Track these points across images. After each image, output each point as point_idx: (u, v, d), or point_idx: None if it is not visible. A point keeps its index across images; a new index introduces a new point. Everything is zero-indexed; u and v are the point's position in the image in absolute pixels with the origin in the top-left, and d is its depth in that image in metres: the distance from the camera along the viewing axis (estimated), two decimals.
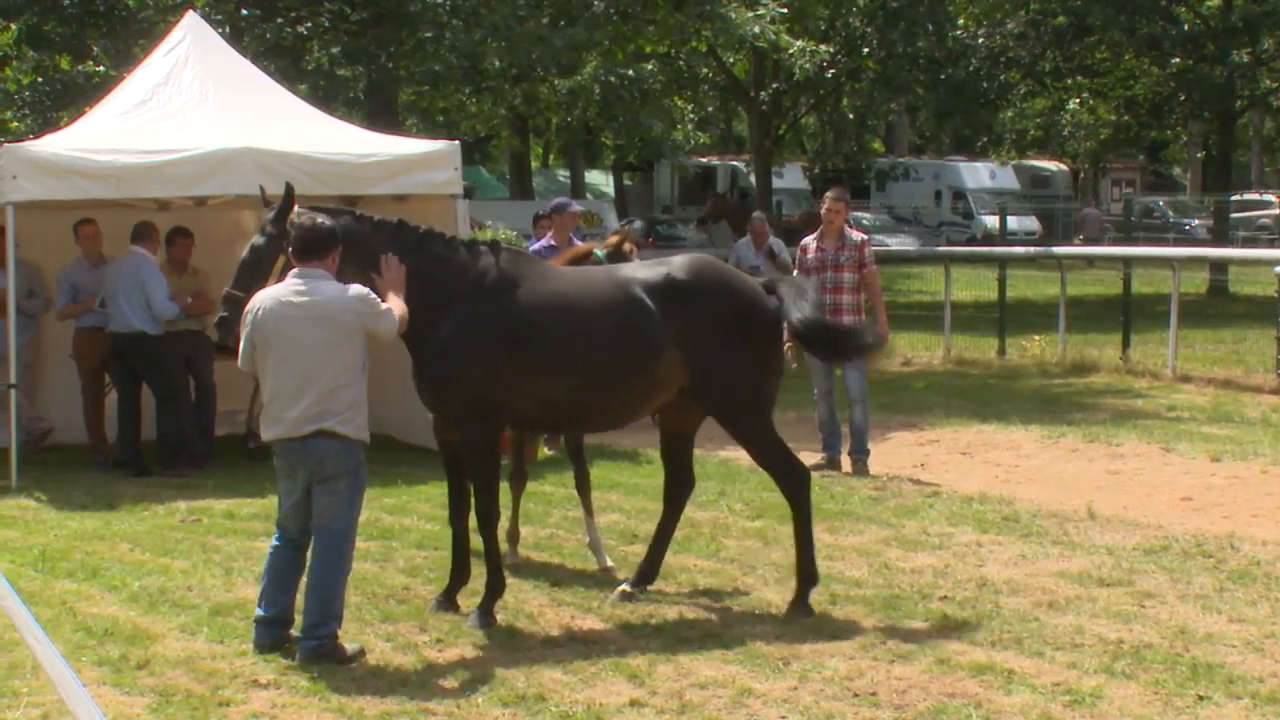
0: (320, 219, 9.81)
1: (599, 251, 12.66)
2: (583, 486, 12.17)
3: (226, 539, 13.24)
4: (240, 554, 12.57)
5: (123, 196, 16.43)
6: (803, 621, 10.22)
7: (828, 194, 16.93)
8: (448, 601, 10.69)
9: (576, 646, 9.91)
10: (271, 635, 9.58)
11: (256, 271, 10.03)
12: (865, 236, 17.50)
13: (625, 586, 10.88)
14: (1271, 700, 8.47)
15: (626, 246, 13.00)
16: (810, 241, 16.45)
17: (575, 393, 10.58)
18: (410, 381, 17.66)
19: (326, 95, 23.82)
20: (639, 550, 11.93)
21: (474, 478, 10.80)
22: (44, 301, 17.24)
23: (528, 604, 10.95)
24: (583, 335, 10.42)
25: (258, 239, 10.21)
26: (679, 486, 11.24)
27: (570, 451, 12.20)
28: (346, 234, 10.08)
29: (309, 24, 27.52)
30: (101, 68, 25.57)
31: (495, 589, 10.50)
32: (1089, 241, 51.17)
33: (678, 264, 10.82)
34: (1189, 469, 16.26)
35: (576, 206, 20.55)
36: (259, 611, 9.71)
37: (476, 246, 10.83)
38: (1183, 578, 11.29)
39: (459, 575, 10.88)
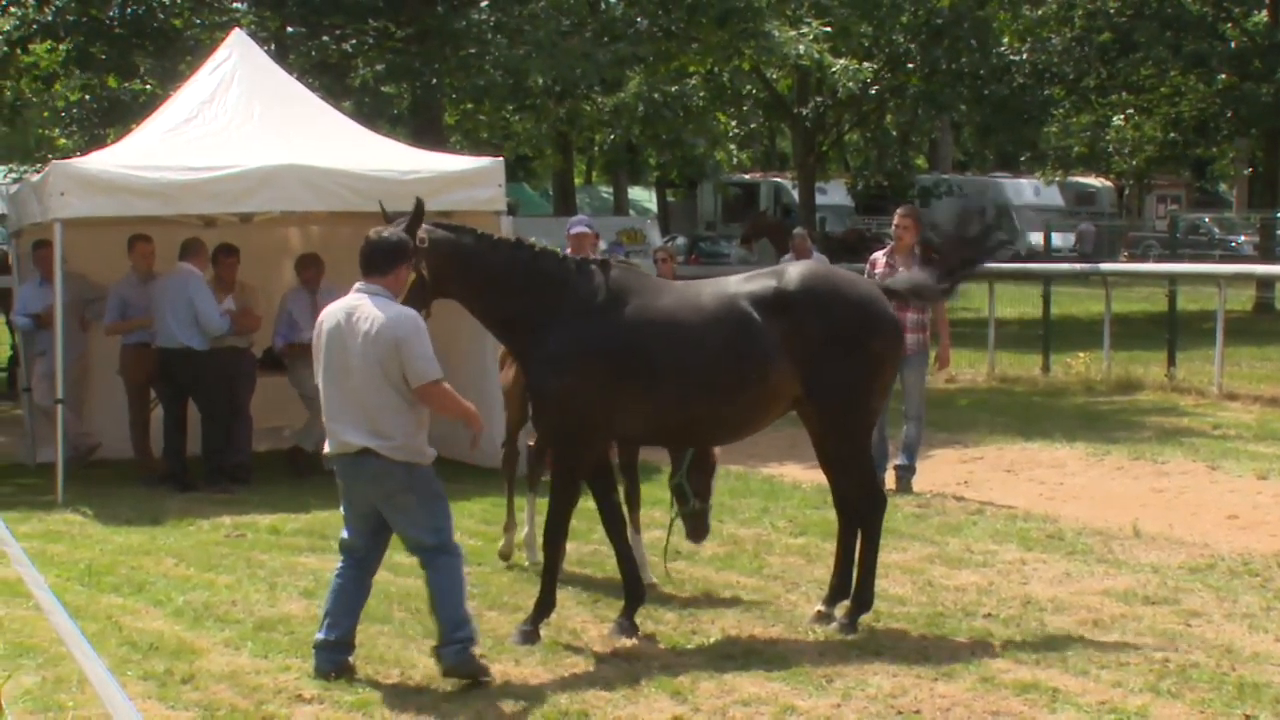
0: (387, 232, 9.81)
1: None
2: (633, 502, 12.04)
3: (271, 554, 13.29)
4: (284, 569, 12.65)
5: (169, 213, 16.57)
6: (847, 639, 10.22)
7: (898, 211, 16.62)
8: (627, 623, 10.58)
9: (619, 663, 9.91)
10: (333, 660, 9.50)
11: None
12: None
13: (820, 607, 10.73)
14: None
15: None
16: (880, 257, 16.23)
17: (683, 408, 10.52)
18: (460, 388, 17.83)
19: (371, 112, 23.93)
20: (680, 567, 11.98)
21: (552, 493, 10.90)
22: (103, 306, 17.34)
23: (570, 620, 10.95)
24: (689, 350, 10.36)
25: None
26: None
27: (622, 467, 12.12)
28: (464, 251, 10.31)
29: (354, 41, 27.64)
30: (148, 86, 25.69)
31: (545, 607, 10.49)
32: (1084, 258, 50.88)
33: (786, 274, 10.73)
34: (1235, 487, 16.18)
35: (583, 228, 20.43)
36: (320, 635, 9.59)
37: (587, 264, 10.72)
38: (1229, 596, 11.23)
39: (632, 596, 10.73)
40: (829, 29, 33.85)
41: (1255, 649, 9.88)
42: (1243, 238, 54.65)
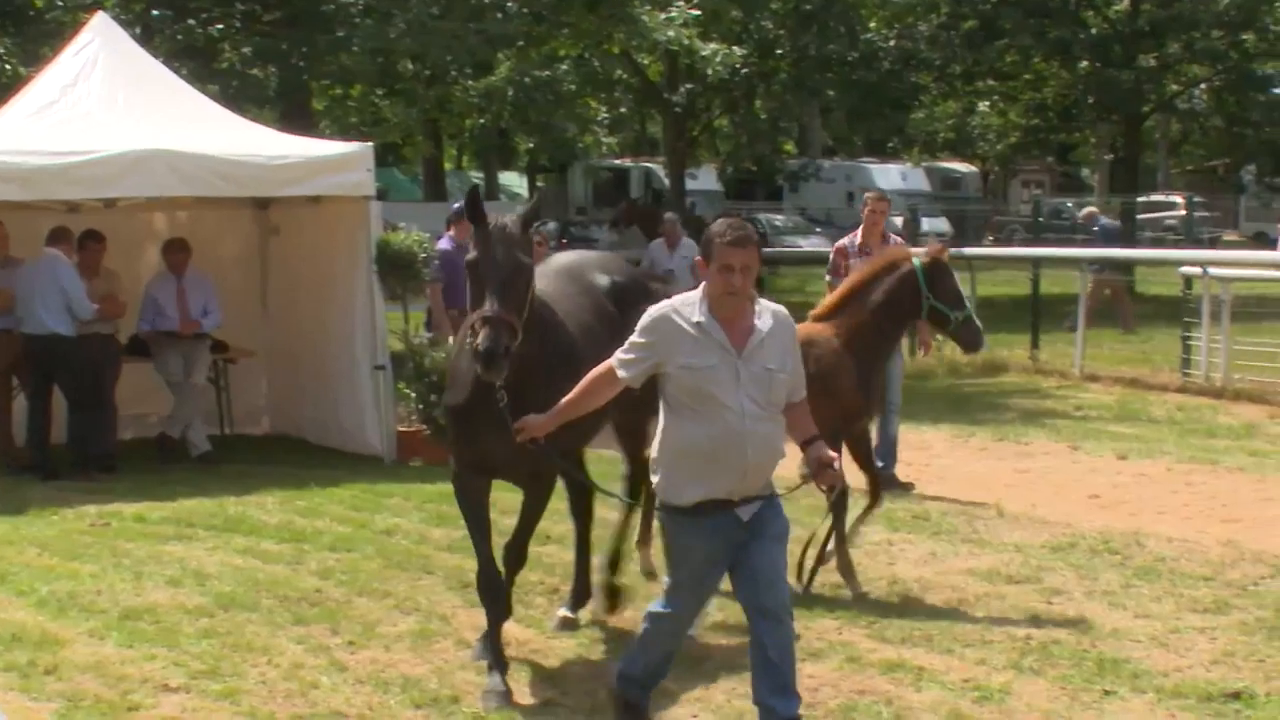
0: None
1: None
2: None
3: (136, 543, 13.04)
4: (150, 558, 12.42)
5: (31, 198, 16.15)
6: (712, 616, 10.21)
7: (869, 194, 16.06)
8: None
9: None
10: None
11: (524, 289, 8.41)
12: (902, 238, 17.10)
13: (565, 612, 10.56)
14: (1176, 694, 8.53)
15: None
16: (849, 244, 15.35)
17: None
18: (326, 383, 17.70)
19: (238, 96, 23.61)
20: (550, 550, 11.94)
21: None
22: None
23: (440, 606, 10.89)
24: None
25: (519, 254, 8.26)
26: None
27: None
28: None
29: (221, 25, 27.26)
30: (8, 67, 25.19)
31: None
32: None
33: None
34: (1096, 467, 16.39)
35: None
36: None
37: None
38: (1090, 574, 11.36)
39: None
40: (698, 13, 33.82)
41: (1115, 625, 10.01)
42: (1103, 220, 55.23)
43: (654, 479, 7.52)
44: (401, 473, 16.38)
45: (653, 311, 7.47)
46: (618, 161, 62.91)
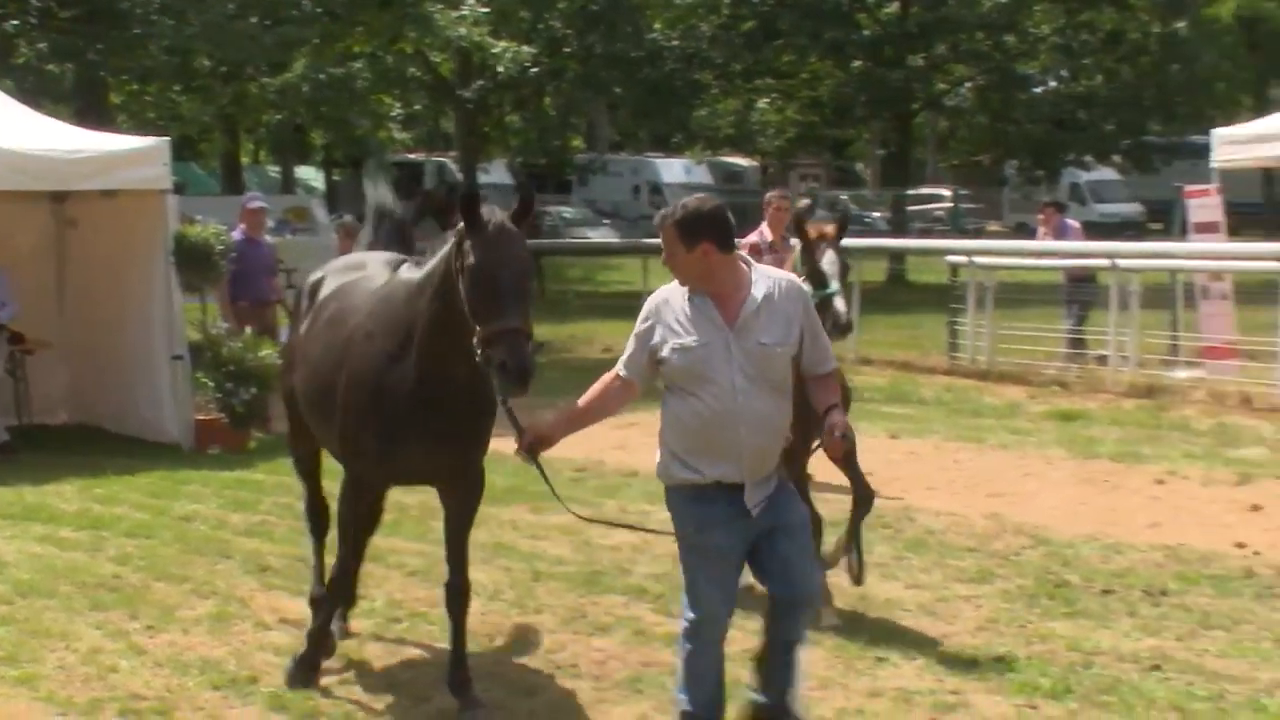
0: None
1: None
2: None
3: None
4: None
5: None
6: (508, 600, 10.21)
7: (773, 193, 15.50)
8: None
9: (288, 629, 9.77)
10: None
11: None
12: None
13: None
14: (944, 660, 8.69)
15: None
16: (761, 241, 14.42)
17: None
18: (124, 373, 17.38)
19: (34, 91, 23.09)
20: None
21: None
22: None
23: (238, 589, 10.76)
24: None
25: (528, 256, 7.56)
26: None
27: None
28: None
29: (16, 21, 26.63)
30: None
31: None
32: None
33: None
34: (869, 446, 16.36)
35: (259, 202, 20.45)
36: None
37: None
38: (864, 547, 11.50)
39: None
40: (489, 12, 33.77)
41: (887, 596, 10.18)
42: (876, 214, 56.15)
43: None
44: (199, 460, 16.18)
45: (650, 299, 7.15)
46: (412, 156, 62.46)
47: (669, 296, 7.03)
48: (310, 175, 69.03)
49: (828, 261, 9.48)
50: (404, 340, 7.64)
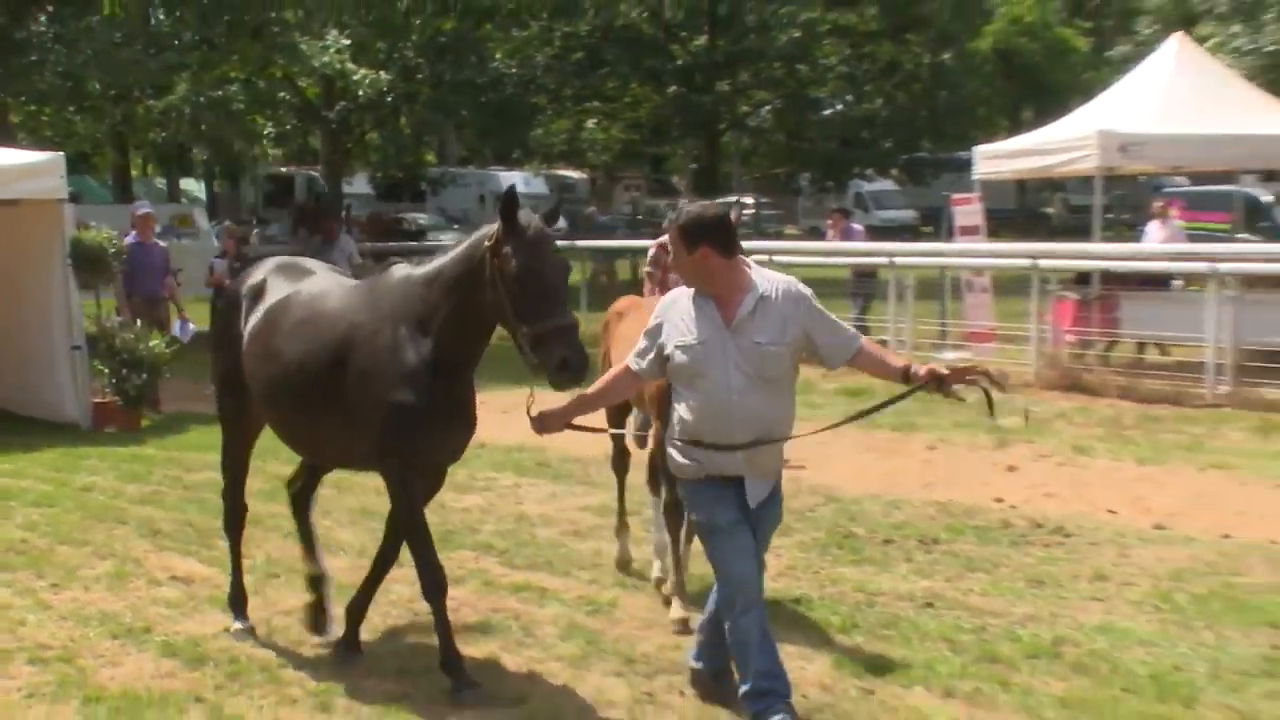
0: None
1: None
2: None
3: None
4: None
5: None
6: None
7: (686, 199, 15.23)
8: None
9: (178, 585, 9.69)
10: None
11: None
12: None
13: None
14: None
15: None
16: (666, 242, 14.27)
17: None
18: (27, 362, 17.04)
19: None
20: None
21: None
22: None
23: (133, 550, 10.64)
24: None
25: (563, 258, 7.13)
26: None
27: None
28: None
29: None
30: None
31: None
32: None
33: None
34: None
35: (147, 209, 20.45)
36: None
37: None
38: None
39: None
40: (349, 43, 33.46)
41: (698, 548, 10.24)
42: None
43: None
44: (97, 438, 15.99)
45: (661, 300, 6.82)
46: (284, 170, 61.64)
47: (677, 297, 6.71)
48: (193, 186, 67.80)
49: None
50: (413, 333, 7.13)
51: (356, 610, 8.08)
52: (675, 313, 6.61)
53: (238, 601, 8.64)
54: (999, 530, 10.86)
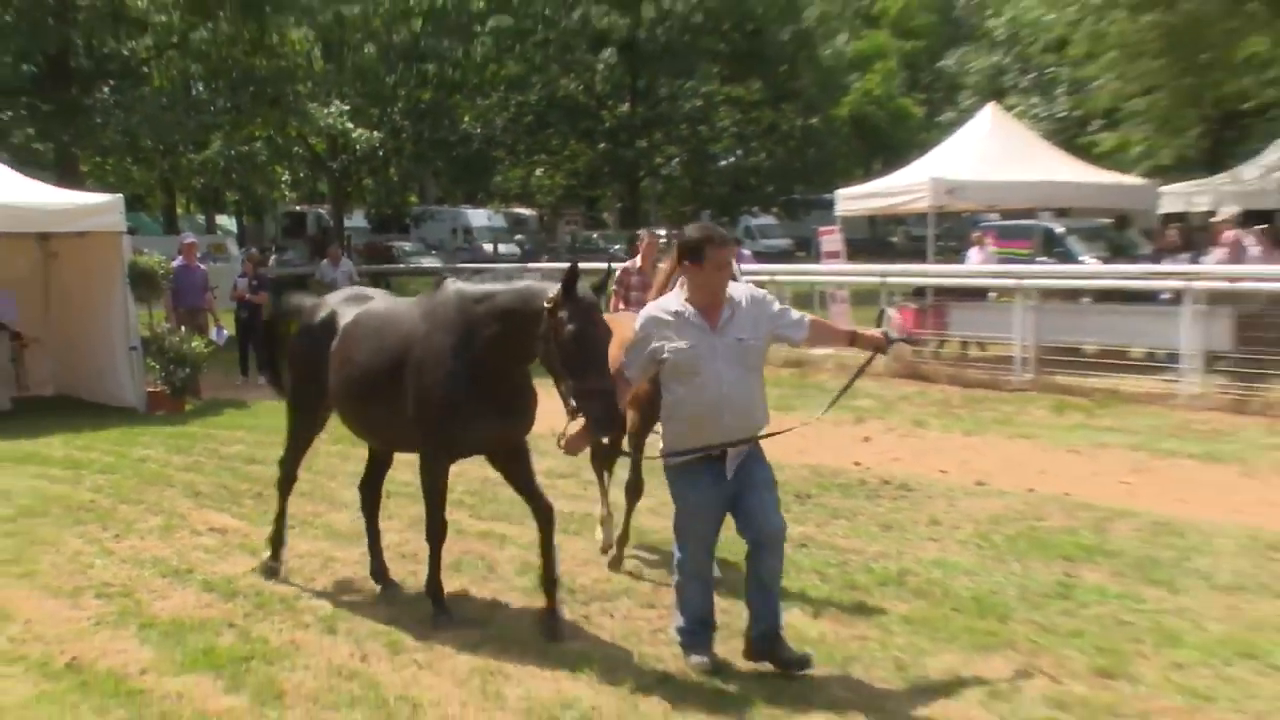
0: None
1: None
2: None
3: None
4: None
5: None
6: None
7: (644, 231, 14.11)
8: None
9: (215, 535, 9.59)
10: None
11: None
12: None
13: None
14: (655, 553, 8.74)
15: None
16: (633, 267, 13.20)
17: None
18: (94, 359, 16.79)
19: (26, 163, 22.12)
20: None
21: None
22: None
23: (179, 508, 10.52)
24: None
25: (606, 325, 6.57)
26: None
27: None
28: None
29: (10, 113, 25.51)
30: None
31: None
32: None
33: None
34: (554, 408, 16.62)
35: (191, 238, 20.44)
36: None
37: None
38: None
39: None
40: (349, 109, 33.22)
41: (585, 511, 10.11)
42: (616, 246, 56.45)
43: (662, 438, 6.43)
44: (150, 419, 15.82)
45: (641, 315, 6.41)
46: (298, 208, 61.02)
47: (656, 314, 6.33)
48: (225, 221, 66.92)
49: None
50: (458, 340, 6.76)
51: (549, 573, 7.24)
52: (661, 325, 6.27)
53: (277, 544, 8.48)
54: (857, 487, 10.92)
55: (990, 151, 21.33)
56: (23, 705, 6.31)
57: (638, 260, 14.46)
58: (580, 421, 6.28)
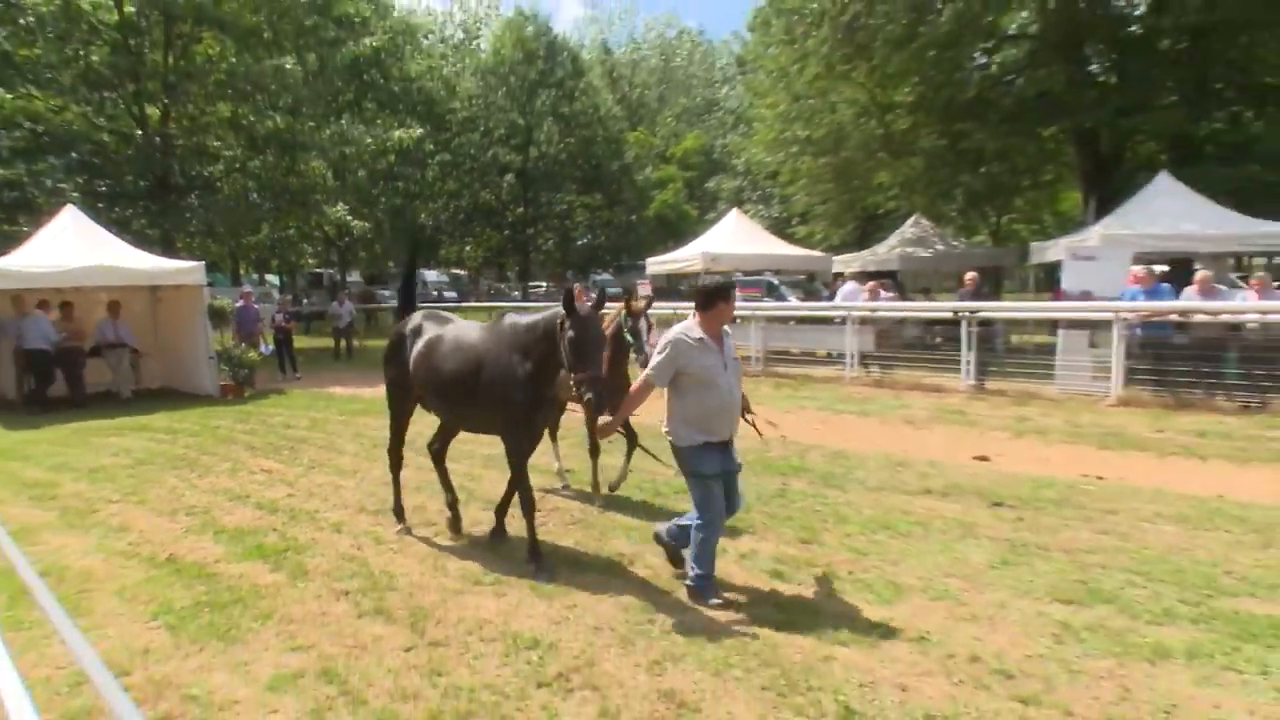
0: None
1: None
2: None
3: (97, 438, 11.32)
4: (103, 445, 10.78)
5: (46, 285, 13.90)
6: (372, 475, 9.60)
7: (577, 286, 12.44)
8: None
9: (264, 474, 9.08)
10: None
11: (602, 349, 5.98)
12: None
13: None
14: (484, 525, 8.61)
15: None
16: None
17: None
18: (186, 364, 15.92)
19: (139, 241, 20.77)
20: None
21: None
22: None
23: (241, 458, 9.96)
24: None
25: (601, 329, 5.89)
26: None
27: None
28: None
29: (131, 210, 24.15)
30: (6, 228, 21.22)
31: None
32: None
33: None
34: None
35: (248, 288, 19.84)
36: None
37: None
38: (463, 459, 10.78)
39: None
40: (349, 208, 32.27)
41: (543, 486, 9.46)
42: (515, 292, 55.38)
43: (665, 431, 5.59)
44: (221, 402, 14.97)
45: (669, 336, 5.56)
46: (317, 269, 58.65)
47: (678, 338, 5.55)
48: (271, 278, 64.03)
49: (643, 324, 7.11)
50: (520, 358, 6.00)
51: (500, 511, 6.68)
52: (684, 346, 5.53)
53: (399, 512, 7.07)
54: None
55: (736, 237, 22.01)
56: (138, 584, 6.13)
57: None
58: (606, 417, 5.79)
